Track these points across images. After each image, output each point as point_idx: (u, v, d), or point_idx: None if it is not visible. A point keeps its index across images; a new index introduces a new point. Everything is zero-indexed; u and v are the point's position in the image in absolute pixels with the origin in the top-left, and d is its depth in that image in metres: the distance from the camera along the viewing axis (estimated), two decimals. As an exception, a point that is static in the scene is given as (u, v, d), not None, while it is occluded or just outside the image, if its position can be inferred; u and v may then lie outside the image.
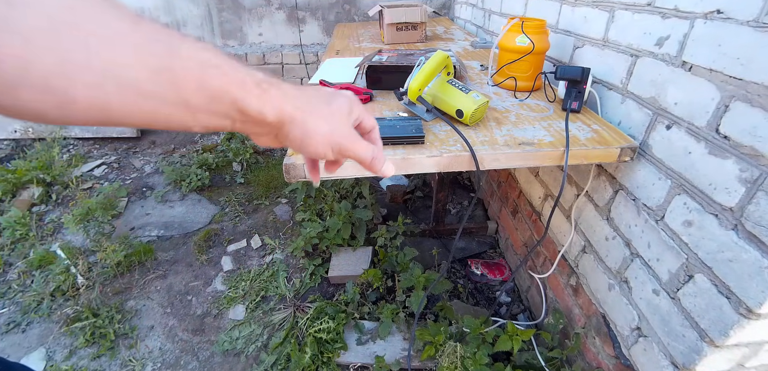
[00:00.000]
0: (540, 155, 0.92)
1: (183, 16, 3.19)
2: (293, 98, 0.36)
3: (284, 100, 0.36)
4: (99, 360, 1.56)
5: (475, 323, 1.33)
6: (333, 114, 0.39)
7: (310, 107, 0.37)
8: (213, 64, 0.31)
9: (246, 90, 0.33)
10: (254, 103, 0.34)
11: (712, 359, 0.83)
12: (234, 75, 0.33)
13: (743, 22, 0.74)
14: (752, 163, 0.72)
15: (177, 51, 0.30)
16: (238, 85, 0.33)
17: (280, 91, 0.36)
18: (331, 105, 0.39)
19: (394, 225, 1.92)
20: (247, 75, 0.34)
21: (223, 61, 0.32)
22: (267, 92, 0.34)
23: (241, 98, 0.33)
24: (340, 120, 0.40)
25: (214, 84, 0.31)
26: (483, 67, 1.55)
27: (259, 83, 0.34)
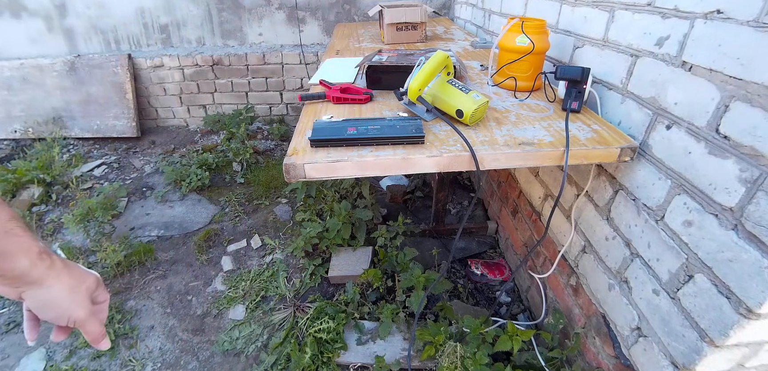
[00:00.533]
0: (540, 155, 0.92)
1: (183, 16, 3.19)
2: (57, 271, 0.46)
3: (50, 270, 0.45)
4: (99, 360, 1.56)
5: (475, 323, 1.33)
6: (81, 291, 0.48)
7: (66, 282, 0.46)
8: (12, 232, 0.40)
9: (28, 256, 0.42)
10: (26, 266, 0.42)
11: (712, 359, 0.83)
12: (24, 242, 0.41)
13: (743, 22, 0.74)
14: (752, 163, 0.72)
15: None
16: (24, 252, 0.41)
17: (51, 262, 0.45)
18: (83, 282, 0.49)
19: (394, 225, 1.92)
20: (34, 244, 0.43)
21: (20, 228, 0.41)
22: (43, 261, 0.44)
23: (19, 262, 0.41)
24: (85, 297, 0.49)
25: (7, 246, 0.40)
26: (483, 67, 1.55)
27: (40, 253, 0.44)
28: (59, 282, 0.46)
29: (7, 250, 0.40)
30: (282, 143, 3.25)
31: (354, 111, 1.14)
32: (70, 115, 3.25)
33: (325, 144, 0.91)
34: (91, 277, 0.51)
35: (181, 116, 3.50)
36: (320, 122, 0.99)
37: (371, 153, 0.89)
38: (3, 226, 0.40)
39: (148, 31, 3.24)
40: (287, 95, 3.42)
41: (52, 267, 0.45)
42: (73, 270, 0.48)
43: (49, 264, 0.45)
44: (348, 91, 1.20)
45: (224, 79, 3.32)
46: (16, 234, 0.41)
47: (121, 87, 3.17)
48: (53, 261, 0.46)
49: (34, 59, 3.16)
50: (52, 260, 0.45)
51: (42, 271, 0.44)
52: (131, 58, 3.20)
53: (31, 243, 0.43)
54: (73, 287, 0.47)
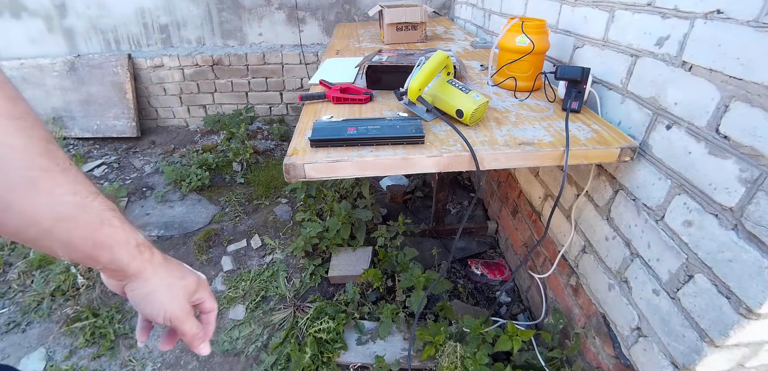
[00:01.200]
0: (540, 155, 0.92)
1: (183, 16, 3.19)
2: (156, 265, 0.45)
3: (150, 263, 0.44)
4: (99, 360, 1.56)
5: (475, 323, 1.33)
6: (179, 289, 0.47)
7: (166, 279, 0.45)
8: (109, 222, 0.39)
9: (128, 249, 0.41)
10: (126, 258, 0.41)
11: (712, 359, 0.83)
12: (122, 234, 0.40)
13: (743, 22, 0.74)
14: (752, 163, 0.72)
15: (85, 208, 0.36)
16: (123, 245, 0.40)
17: (151, 254, 0.44)
18: (183, 279, 0.48)
19: (394, 225, 1.92)
20: (132, 235, 0.42)
21: (118, 219, 0.40)
22: (142, 255, 0.43)
23: (118, 255, 0.40)
24: (183, 295, 0.47)
25: (103, 239, 0.38)
26: (483, 67, 1.55)
27: (139, 245, 0.43)
28: (157, 275, 0.44)
29: (105, 242, 0.38)
30: (282, 143, 3.25)
31: (354, 111, 1.14)
32: (70, 115, 3.25)
33: (325, 144, 0.91)
34: (191, 277, 0.49)
35: (181, 116, 3.50)
36: (320, 122, 0.99)
37: (371, 153, 0.89)
38: (99, 216, 0.38)
39: (148, 31, 3.24)
40: (287, 95, 3.42)
41: (151, 261, 0.44)
42: (172, 266, 0.47)
43: (148, 257, 0.43)
44: (348, 91, 1.20)
45: (224, 79, 3.32)
46: (114, 225, 0.39)
47: (121, 87, 3.17)
48: (153, 255, 0.44)
49: (34, 59, 3.16)
50: (151, 254, 0.44)
51: (140, 264, 0.42)
52: (131, 58, 3.20)
53: (130, 235, 0.41)
54: (171, 283, 0.46)
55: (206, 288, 0.52)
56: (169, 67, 3.25)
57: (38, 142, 0.33)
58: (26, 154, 0.32)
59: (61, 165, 0.35)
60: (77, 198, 0.36)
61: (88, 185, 0.37)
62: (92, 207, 0.37)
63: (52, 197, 0.34)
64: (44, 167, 0.33)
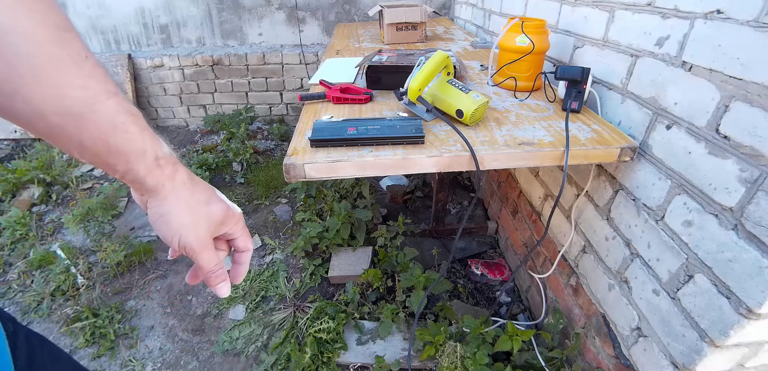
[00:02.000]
0: (540, 155, 0.92)
1: (183, 16, 3.19)
2: (180, 184, 0.40)
3: (170, 180, 0.39)
4: (99, 360, 1.56)
5: (475, 323, 1.33)
6: (201, 215, 0.41)
7: (187, 200, 0.40)
8: (125, 129, 0.35)
9: (144, 161, 0.37)
10: (141, 172, 0.37)
11: (713, 359, 0.83)
12: (138, 144, 0.36)
13: (743, 22, 0.74)
14: (752, 163, 0.72)
15: (96, 106, 0.33)
16: (137, 155, 0.36)
17: (172, 172, 0.39)
18: (207, 206, 0.42)
19: (394, 225, 1.92)
20: (151, 147, 0.37)
21: (136, 128, 0.36)
22: (161, 169, 0.38)
23: (135, 165, 0.36)
24: (203, 223, 0.42)
25: (118, 144, 0.35)
26: (483, 67, 1.55)
27: (157, 159, 0.38)
28: (175, 194, 0.39)
29: (118, 148, 0.34)
30: (282, 143, 3.25)
31: (354, 111, 1.14)
32: (70, 115, 3.24)
33: (325, 144, 0.91)
34: (219, 204, 0.43)
35: (181, 116, 3.50)
36: (320, 122, 0.99)
37: (371, 153, 0.89)
38: (112, 118, 0.34)
39: (148, 31, 3.24)
40: (287, 95, 3.42)
41: (171, 177, 0.39)
42: (198, 188, 0.42)
43: (169, 174, 0.39)
44: (348, 91, 1.20)
45: (224, 79, 3.32)
46: (129, 131, 0.35)
47: (121, 87, 3.15)
48: (176, 171, 0.40)
49: (34, 59, 3.16)
50: (174, 170, 0.39)
51: (158, 178, 0.38)
52: (131, 58, 3.20)
53: (148, 144, 0.37)
54: (192, 207, 0.40)
55: (239, 221, 0.46)
56: (169, 67, 3.25)
57: (50, 28, 0.30)
58: (32, 39, 0.29)
59: (73, 56, 0.32)
60: (86, 94, 0.32)
61: (105, 83, 0.34)
62: (105, 108, 0.33)
63: (59, 90, 0.31)
64: (52, 55, 0.30)
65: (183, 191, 0.40)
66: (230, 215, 0.45)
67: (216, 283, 0.44)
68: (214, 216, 0.43)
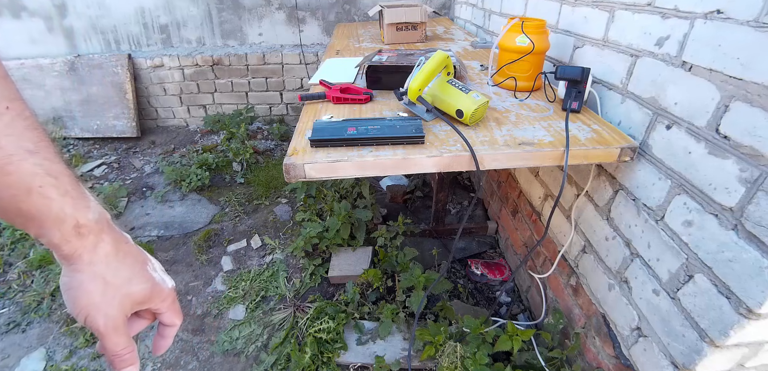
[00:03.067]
0: (540, 155, 0.92)
1: (183, 16, 3.19)
2: (100, 258, 0.35)
3: (88, 252, 0.34)
4: (99, 360, 1.56)
5: (475, 323, 1.33)
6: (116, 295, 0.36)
7: (104, 273, 0.36)
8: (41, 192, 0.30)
9: (60, 229, 0.32)
10: (55, 240, 0.33)
11: (712, 359, 0.83)
12: (54, 211, 0.31)
13: (743, 22, 0.74)
14: (752, 163, 0.72)
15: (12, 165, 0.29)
16: (53, 222, 0.32)
17: (94, 243, 0.35)
18: (128, 285, 0.37)
19: (394, 225, 1.92)
20: (72, 214, 0.32)
21: (56, 190, 0.31)
22: (81, 238, 0.33)
23: (48, 232, 0.32)
24: (116, 304, 0.36)
25: (31, 210, 0.30)
26: (483, 67, 1.55)
27: (77, 227, 0.33)
28: (91, 269, 0.35)
29: (31, 214, 0.30)
30: (282, 143, 3.25)
31: (354, 111, 1.14)
32: (70, 115, 3.24)
33: (325, 144, 0.91)
34: (141, 285, 0.38)
35: (181, 116, 3.50)
36: (320, 122, 0.99)
37: (371, 153, 0.89)
38: (27, 182, 0.30)
39: (148, 31, 3.24)
40: (287, 95, 3.42)
41: (92, 250, 0.34)
42: (121, 264, 0.37)
43: (90, 245, 0.34)
44: (348, 91, 1.20)
45: (224, 79, 3.32)
46: (48, 196, 0.31)
47: (121, 87, 3.17)
48: (99, 241, 0.35)
49: (34, 59, 3.16)
50: (96, 240, 0.35)
51: (74, 249, 0.33)
52: (131, 58, 3.20)
53: (69, 211, 0.32)
54: (107, 282, 0.36)
55: (167, 298, 0.41)
56: (169, 67, 3.25)
57: None
58: None
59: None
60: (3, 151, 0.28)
61: (22, 140, 0.30)
62: (19, 170, 0.29)
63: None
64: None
65: (101, 266, 0.35)
66: (156, 293, 0.40)
67: (120, 368, 0.38)
68: (134, 296, 0.38)
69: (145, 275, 0.39)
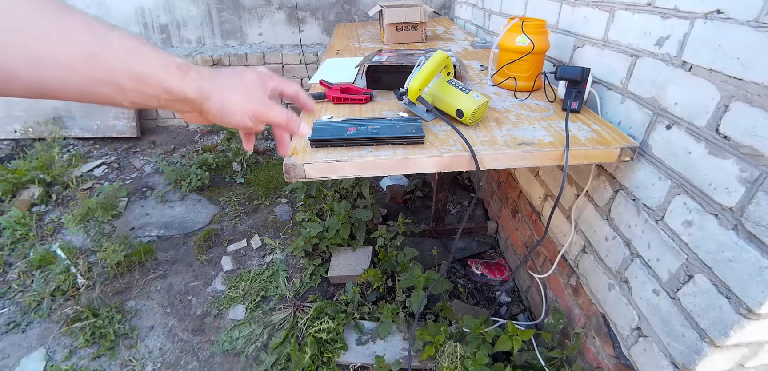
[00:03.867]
0: (540, 155, 0.92)
1: (183, 16, 3.19)
2: (209, 78, 0.42)
3: (201, 79, 0.41)
4: (99, 360, 1.56)
5: (475, 323, 1.33)
6: (246, 87, 0.45)
7: (225, 83, 0.43)
8: (139, 51, 0.36)
9: (169, 72, 0.38)
10: (177, 83, 0.39)
11: (712, 359, 0.83)
12: (158, 60, 0.38)
13: (743, 22, 0.74)
14: (752, 163, 0.72)
15: (105, 41, 0.34)
16: (162, 69, 0.38)
17: (197, 73, 0.41)
18: (243, 79, 0.45)
19: (394, 225, 1.92)
20: (170, 60, 0.39)
21: (148, 49, 0.37)
22: (187, 74, 0.40)
23: (165, 79, 0.38)
24: (253, 91, 0.45)
25: (140, 68, 0.36)
26: (483, 67, 1.55)
27: (179, 67, 0.39)
28: (216, 87, 0.42)
29: (145, 71, 0.36)
30: (282, 143, 3.25)
31: (354, 111, 1.14)
32: (70, 115, 3.24)
33: (325, 144, 0.91)
34: (249, 71, 0.46)
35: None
36: (320, 122, 0.99)
37: (371, 153, 0.89)
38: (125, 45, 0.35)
39: (148, 31, 3.24)
40: (287, 95, 3.42)
41: (201, 75, 0.41)
42: (223, 72, 0.44)
43: (195, 75, 0.40)
44: (348, 91, 1.20)
45: (224, 79, 3.31)
46: (144, 53, 0.36)
47: (121, 87, 3.17)
48: (198, 71, 0.41)
49: (34, 59, 3.16)
50: (196, 71, 0.41)
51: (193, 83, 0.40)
52: (131, 58, 3.20)
53: (166, 58, 0.38)
54: (233, 86, 0.43)
55: (272, 75, 0.49)
56: (169, 67, 3.24)
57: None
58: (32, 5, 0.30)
59: (68, 8, 0.33)
60: (94, 34, 0.34)
61: (100, 21, 0.35)
62: (113, 39, 0.35)
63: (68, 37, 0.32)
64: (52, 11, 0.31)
65: (219, 79, 0.43)
66: (261, 72, 0.48)
67: (297, 127, 0.49)
68: (255, 80, 0.46)
69: (241, 68, 0.46)
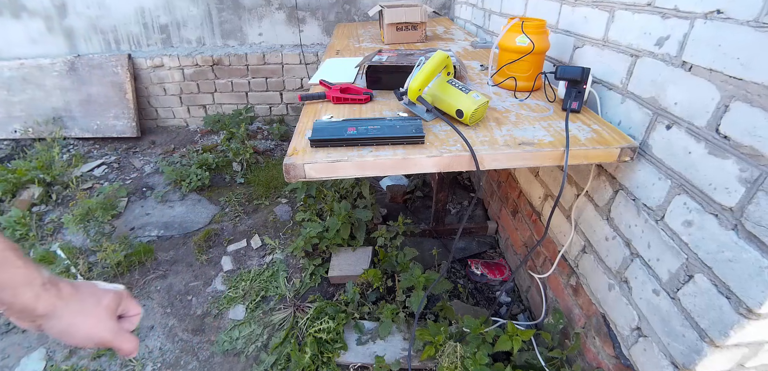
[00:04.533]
0: (540, 155, 0.92)
1: (183, 16, 3.19)
2: (66, 297, 0.44)
3: (58, 299, 0.43)
4: (99, 360, 1.56)
5: (475, 323, 1.33)
6: (102, 314, 0.46)
7: (79, 308, 0.45)
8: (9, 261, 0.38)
9: (32, 288, 0.40)
10: (30, 300, 0.40)
11: (712, 359, 0.83)
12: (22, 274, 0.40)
13: (743, 22, 0.74)
14: (752, 163, 0.72)
15: None
16: (25, 285, 0.40)
17: (57, 291, 0.43)
18: (100, 304, 0.47)
19: (394, 225, 1.92)
20: (37, 274, 0.41)
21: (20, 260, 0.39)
22: (48, 291, 0.42)
23: (21, 295, 0.39)
24: (105, 316, 0.47)
25: (5, 278, 0.38)
26: (483, 67, 1.55)
27: (43, 284, 0.42)
28: (69, 309, 0.44)
29: (6, 282, 0.38)
30: (282, 143, 3.25)
31: (354, 111, 1.14)
32: (70, 115, 3.25)
33: (325, 144, 0.91)
34: (108, 295, 0.48)
35: (181, 116, 3.50)
36: (320, 122, 0.99)
37: (371, 153, 0.89)
38: (5, 252, 0.38)
39: (148, 31, 3.24)
40: (287, 95, 3.42)
41: (59, 296, 0.43)
42: (83, 293, 0.46)
43: (55, 293, 0.43)
44: (348, 91, 1.20)
45: (224, 79, 3.32)
46: (15, 265, 0.39)
47: (121, 87, 3.17)
48: (60, 289, 0.44)
49: (34, 59, 3.16)
50: (58, 289, 0.43)
51: (49, 302, 0.42)
52: (131, 58, 3.20)
53: (33, 274, 0.41)
54: (86, 310, 0.45)
55: (128, 297, 0.52)
56: (169, 67, 3.25)
57: None
58: None
59: None
60: None
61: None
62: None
63: None
64: None
65: (73, 302, 0.44)
66: (121, 295, 0.50)
67: (134, 352, 0.50)
68: (110, 306, 0.48)
69: (104, 290, 0.49)
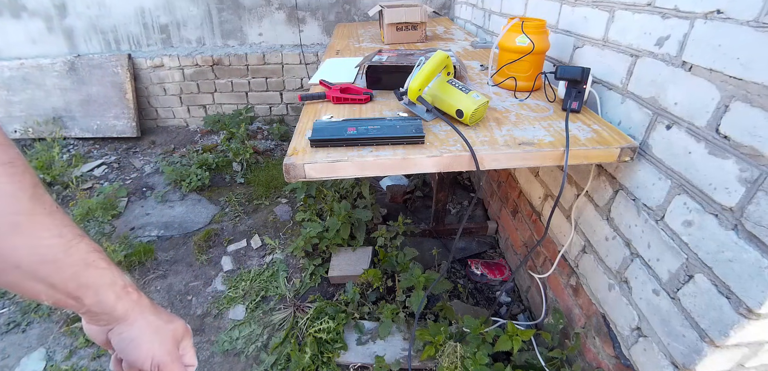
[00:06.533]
0: (540, 155, 0.92)
1: (183, 16, 3.19)
2: (144, 308, 0.44)
3: (137, 305, 0.43)
4: (99, 360, 1.56)
5: (475, 323, 1.33)
6: (167, 336, 0.46)
7: (152, 321, 0.44)
8: (95, 263, 0.39)
9: (114, 290, 0.41)
10: (111, 301, 0.40)
11: (713, 359, 0.83)
12: (107, 276, 0.40)
13: (743, 22, 0.74)
14: (752, 163, 0.72)
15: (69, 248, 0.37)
16: (108, 286, 0.40)
17: (138, 297, 0.43)
18: (169, 325, 0.46)
19: (394, 225, 1.92)
20: (120, 277, 0.42)
21: (104, 261, 0.40)
22: (129, 295, 0.42)
23: (104, 296, 0.40)
24: (170, 341, 0.46)
25: (89, 279, 0.38)
26: (483, 67, 1.55)
27: (125, 286, 0.42)
28: (144, 319, 0.43)
29: (91, 283, 0.39)
30: (282, 143, 3.25)
31: (354, 111, 1.14)
32: (70, 115, 3.25)
33: (325, 144, 0.91)
34: (178, 322, 0.48)
35: (181, 116, 3.50)
36: (320, 122, 0.99)
37: (371, 153, 0.89)
38: (84, 258, 0.38)
39: (148, 31, 3.24)
40: (287, 95, 3.42)
41: (138, 303, 0.43)
42: (160, 310, 0.46)
43: (135, 299, 0.43)
44: (348, 91, 1.20)
45: (224, 79, 3.32)
46: (99, 267, 0.39)
47: (121, 87, 3.17)
48: (140, 297, 0.44)
49: (34, 59, 3.16)
50: (139, 296, 0.44)
51: (128, 305, 0.42)
52: (131, 58, 3.20)
53: (116, 276, 0.41)
54: (158, 327, 0.45)
55: (190, 337, 0.51)
56: (169, 67, 3.25)
57: (27, 187, 0.34)
58: (14, 199, 0.33)
59: (48, 209, 0.36)
60: (62, 240, 0.36)
61: (74, 228, 0.38)
62: (77, 249, 0.37)
63: (36, 240, 0.35)
64: (30, 210, 0.34)
65: (149, 314, 0.44)
66: (188, 331, 0.50)
67: None
68: (178, 333, 0.47)
69: (177, 317, 0.49)
